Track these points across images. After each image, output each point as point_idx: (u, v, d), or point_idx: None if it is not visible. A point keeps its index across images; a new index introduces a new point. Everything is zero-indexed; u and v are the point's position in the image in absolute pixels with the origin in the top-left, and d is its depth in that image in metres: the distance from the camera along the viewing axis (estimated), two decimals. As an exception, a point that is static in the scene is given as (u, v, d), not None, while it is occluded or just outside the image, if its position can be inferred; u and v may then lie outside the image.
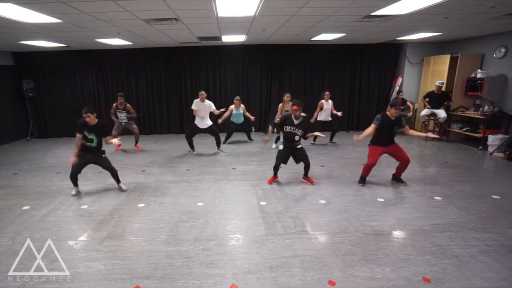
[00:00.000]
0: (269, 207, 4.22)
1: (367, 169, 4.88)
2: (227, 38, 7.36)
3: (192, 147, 7.02)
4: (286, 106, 6.90)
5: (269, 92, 9.24)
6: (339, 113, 7.46)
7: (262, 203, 4.35)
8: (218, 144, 7.16)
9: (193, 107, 6.58)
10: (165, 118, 9.38)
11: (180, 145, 7.89)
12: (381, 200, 4.40)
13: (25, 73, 8.71)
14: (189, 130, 6.94)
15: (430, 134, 5.13)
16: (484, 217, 3.83)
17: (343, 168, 5.78)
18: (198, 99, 6.57)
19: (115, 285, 2.72)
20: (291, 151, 4.95)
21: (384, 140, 4.77)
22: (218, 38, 7.25)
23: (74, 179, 4.74)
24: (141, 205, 4.37)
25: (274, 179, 5.16)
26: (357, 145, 7.61)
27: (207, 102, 6.66)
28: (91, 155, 4.64)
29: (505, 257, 3.00)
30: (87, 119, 4.37)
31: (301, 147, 4.97)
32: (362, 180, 4.97)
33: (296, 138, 4.83)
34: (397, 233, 3.54)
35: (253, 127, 8.79)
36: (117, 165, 5.51)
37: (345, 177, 5.31)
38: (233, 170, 5.85)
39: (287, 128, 4.82)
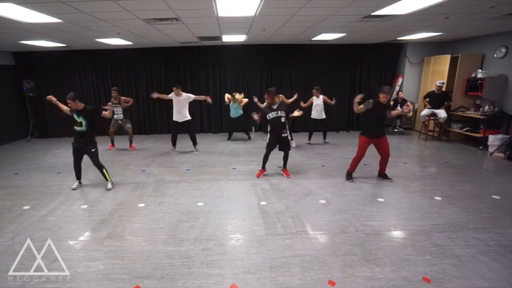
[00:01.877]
0: (269, 207, 4.22)
1: (355, 163, 4.98)
2: (227, 38, 7.36)
3: (174, 144, 7.15)
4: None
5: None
6: (332, 102, 7.37)
7: (262, 203, 4.35)
8: (194, 143, 7.20)
9: (169, 96, 6.79)
10: (165, 118, 9.36)
11: (180, 145, 7.88)
12: (381, 200, 4.40)
13: (26, 73, 8.71)
14: (172, 129, 7.09)
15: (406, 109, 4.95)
16: (484, 217, 3.82)
17: (343, 168, 5.76)
18: (173, 93, 6.74)
19: (115, 285, 2.72)
20: (278, 139, 5.14)
21: (375, 128, 4.81)
22: (219, 38, 7.25)
23: (77, 170, 4.90)
24: (141, 205, 4.37)
25: (262, 172, 5.39)
26: (357, 145, 7.60)
27: (184, 95, 6.76)
28: (80, 145, 4.75)
29: (505, 257, 3.00)
30: (69, 106, 4.53)
31: (286, 136, 5.15)
32: (349, 176, 5.07)
33: (282, 120, 5.00)
34: (397, 233, 3.53)
35: (253, 127, 8.81)
36: (118, 165, 5.53)
37: (345, 177, 5.30)
38: (233, 170, 5.85)
39: (270, 116, 5.04)
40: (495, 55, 7.07)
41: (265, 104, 6.77)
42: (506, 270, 2.81)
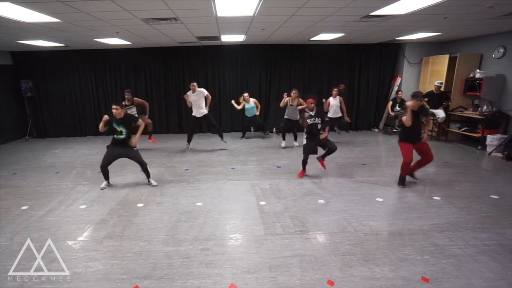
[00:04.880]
0: (268, 207, 4.22)
1: (405, 167, 4.76)
2: (226, 38, 7.36)
3: (189, 141, 7.27)
4: (292, 101, 7.03)
5: (268, 91, 9.24)
6: (348, 119, 7.70)
7: (261, 203, 4.35)
8: (221, 135, 7.34)
9: (188, 97, 6.85)
10: (164, 117, 9.36)
11: (179, 144, 7.88)
12: (380, 199, 4.41)
13: (24, 72, 8.67)
14: (191, 124, 7.32)
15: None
16: (483, 217, 3.83)
17: (342, 168, 5.78)
18: (190, 91, 6.82)
19: (114, 285, 2.71)
20: (316, 141, 5.16)
21: (413, 134, 4.68)
22: (217, 38, 7.24)
23: (105, 172, 4.93)
24: (140, 205, 4.37)
25: (303, 173, 5.35)
26: (356, 144, 7.64)
27: (199, 90, 6.85)
28: (121, 148, 4.84)
29: (503, 257, 3.01)
30: (114, 111, 4.61)
31: (325, 137, 5.18)
32: (402, 181, 4.86)
33: (319, 126, 5.12)
34: (396, 233, 3.53)
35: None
36: (115, 165, 5.50)
37: (344, 177, 5.31)
38: (232, 170, 5.84)
39: (309, 121, 5.10)
40: (493, 55, 7.08)
41: (292, 105, 6.95)
42: (505, 270, 2.82)
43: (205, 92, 6.93)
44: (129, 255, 3.15)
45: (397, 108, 8.42)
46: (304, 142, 5.24)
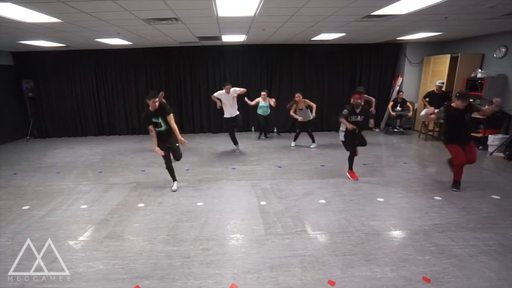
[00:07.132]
0: (269, 207, 4.22)
1: (457, 169, 4.60)
2: (227, 38, 7.36)
3: (235, 142, 7.17)
4: (300, 105, 7.04)
5: (268, 92, 9.22)
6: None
7: (262, 203, 4.35)
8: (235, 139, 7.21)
9: (215, 94, 6.78)
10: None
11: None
12: (381, 199, 4.40)
13: (25, 72, 8.69)
14: (226, 126, 7.29)
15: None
16: (484, 217, 3.82)
17: (343, 168, 5.76)
18: (224, 91, 6.74)
19: (115, 285, 2.71)
20: (353, 139, 5.09)
21: (458, 134, 4.57)
22: (218, 38, 7.25)
23: (171, 172, 4.87)
24: (141, 205, 4.37)
25: (354, 173, 5.26)
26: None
27: (232, 90, 6.80)
28: (165, 143, 4.70)
29: (504, 257, 3.00)
30: (151, 105, 4.41)
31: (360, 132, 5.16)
32: (457, 185, 4.66)
33: (360, 124, 5.04)
34: (397, 233, 3.53)
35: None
36: (117, 165, 5.53)
37: (345, 177, 5.30)
38: (233, 170, 5.84)
39: (352, 118, 4.98)
40: (494, 55, 7.07)
41: (302, 109, 6.95)
42: (506, 270, 2.82)
43: (236, 90, 6.83)
44: (130, 255, 3.15)
45: (398, 108, 8.43)
46: (342, 138, 5.12)
